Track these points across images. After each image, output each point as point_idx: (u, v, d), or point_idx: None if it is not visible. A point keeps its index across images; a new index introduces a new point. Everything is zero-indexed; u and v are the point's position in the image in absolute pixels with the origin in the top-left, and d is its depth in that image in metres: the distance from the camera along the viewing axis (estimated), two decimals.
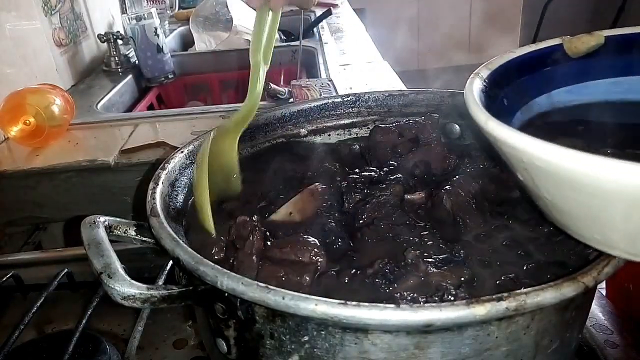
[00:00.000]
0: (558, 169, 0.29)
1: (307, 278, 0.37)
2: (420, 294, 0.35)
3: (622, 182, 0.27)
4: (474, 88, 0.38)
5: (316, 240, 0.40)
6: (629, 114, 0.45)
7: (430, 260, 0.38)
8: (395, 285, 0.36)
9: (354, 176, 0.50)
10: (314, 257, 0.39)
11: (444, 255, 0.39)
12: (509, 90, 0.42)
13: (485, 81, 0.39)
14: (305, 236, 0.41)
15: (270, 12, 0.51)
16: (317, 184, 0.48)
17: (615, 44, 0.44)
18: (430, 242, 0.41)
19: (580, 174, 0.28)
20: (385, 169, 0.51)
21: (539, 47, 0.44)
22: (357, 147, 0.58)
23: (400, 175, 0.49)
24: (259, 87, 0.50)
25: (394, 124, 0.56)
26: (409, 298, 0.35)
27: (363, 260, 0.40)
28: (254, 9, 0.51)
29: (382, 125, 0.56)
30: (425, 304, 0.30)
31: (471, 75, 0.40)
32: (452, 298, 0.35)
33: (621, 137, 0.41)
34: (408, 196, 0.46)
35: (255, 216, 0.42)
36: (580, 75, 0.45)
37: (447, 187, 0.45)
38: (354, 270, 0.38)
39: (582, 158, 0.27)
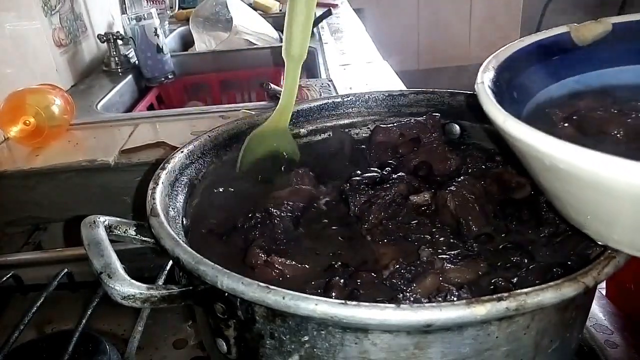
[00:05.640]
0: (580, 171, 0.28)
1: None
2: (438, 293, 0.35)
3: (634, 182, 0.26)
4: (486, 83, 0.36)
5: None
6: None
7: (444, 257, 0.38)
8: (414, 284, 0.36)
9: (357, 178, 0.49)
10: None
11: (457, 251, 0.39)
12: (517, 82, 0.41)
13: (495, 75, 0.38)
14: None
15: None
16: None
17: (622, 31, 0.43)
18: (442, 239, 0.41)
19: (596, 175, 0.28)
20: (387, 168, 0.51)
21: (546, 36, 0.43)
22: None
23: (403, 174, 0.49)
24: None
25: (395, 124, 0.55)
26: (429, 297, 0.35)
27: (376, 263, 0.40)
28: None
29: (383, 125, 0.56)
30: (426, 304, 0.30)
31: (481, 69, 0.38)
32: (455, 299, 0.34)
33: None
34: (413, 198, 0.46)
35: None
36: (588, 63, 0.44)
37: (451, 187, 0.45)
38: (371, 273, 0.38)
39: (600, 159, 0.27)
